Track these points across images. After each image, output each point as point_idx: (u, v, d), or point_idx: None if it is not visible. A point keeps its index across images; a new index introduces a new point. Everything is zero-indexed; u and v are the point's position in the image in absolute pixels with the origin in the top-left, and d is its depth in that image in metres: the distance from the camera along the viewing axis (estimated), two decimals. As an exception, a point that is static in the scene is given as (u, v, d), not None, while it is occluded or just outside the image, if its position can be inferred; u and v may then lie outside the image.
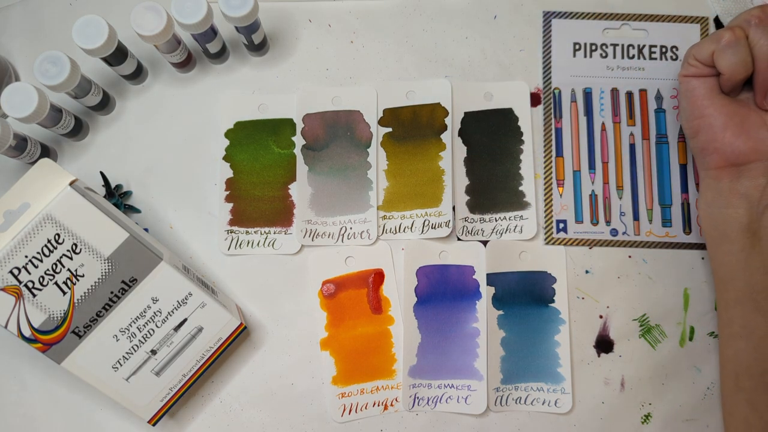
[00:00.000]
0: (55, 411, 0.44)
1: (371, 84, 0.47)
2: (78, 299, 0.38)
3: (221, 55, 0.47)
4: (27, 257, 0.36)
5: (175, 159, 0.46)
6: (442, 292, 0.45)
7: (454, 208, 0.45)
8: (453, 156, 0.46)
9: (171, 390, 0.41)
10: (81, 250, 0.37)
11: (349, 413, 0.44)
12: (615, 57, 0.47)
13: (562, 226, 0.45)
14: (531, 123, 0.46)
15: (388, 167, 0.46)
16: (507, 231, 0.45)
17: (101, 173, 0.45)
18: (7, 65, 0.46)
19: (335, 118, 0.46)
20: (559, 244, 0.45)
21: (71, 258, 0.37)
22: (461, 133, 0.46)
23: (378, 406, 0.44)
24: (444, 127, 0.46)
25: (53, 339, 0.38)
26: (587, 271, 0.45)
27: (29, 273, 0.37)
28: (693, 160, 0.46)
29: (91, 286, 0.38)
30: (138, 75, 0.46)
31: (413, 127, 0.46)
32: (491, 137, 0.46)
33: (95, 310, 0.38)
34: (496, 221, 0.45)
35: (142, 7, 0.40)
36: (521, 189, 0.46)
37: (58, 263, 0.37)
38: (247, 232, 0.45)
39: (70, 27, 0.40)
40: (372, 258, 0.45)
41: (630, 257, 0.45)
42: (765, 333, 0.38)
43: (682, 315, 0.45)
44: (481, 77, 0.47)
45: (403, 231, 0.45)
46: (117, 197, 0.45)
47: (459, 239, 0.45)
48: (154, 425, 0.41)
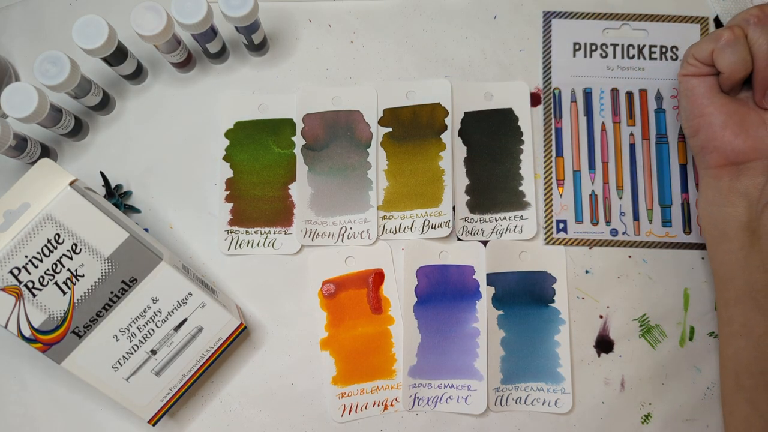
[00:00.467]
0: (55, 411, 0.44)
1: (371, 84, 0.47)
2: (78, 299, 0.38)
3: (221, 55, 0.47)
4: (27, 257, 0.36)
5: (175, 159, 0.46)
6: (442, 292, 0.45)
7: (454, 208, 0.45)
8: (453, 156, 0.46)
9: (171, 390, 0.41)
10: (81, 250, 0.37)
11: (349, 413, 0.44)
12: (615, 57, 0.47)
13: (562, 226, 0.45)
14: (531, 123, 0.46)
15: (388, 167, 0.46)
16: (507, 231, 0.45)
17: (101, 173, 0.45)
18: (7, 65, 0.46)
19: (335, 118, 0.46)
20: (559, 244, 0.45)
21: (71, 258, 0.37)
22: (461, 133, 0.46)
23: (378, 406, 0.44)
24: (444, 127, 0.46)
25: (53, 339, 0.38)
26: (587, 271, 0.45)
27: (29, 273, 0.37)
28: (693, 160, 0.46)
29: (91, 286, 0.38)
30: (138, 75, 0.46)
31: (413, 127, 0.46)
32: (491, 137, 0.46)
33: (95, 310, 0.38)
34: (496, 221, 0.45)
35: (142, 7, 0.40)
36: (521, 189, 0.46)
37: (58, 263, 0.37)
38: (247, 232, 0.45)
39: (70, 27, 0.40)
40: (372, 258, 0.45)
41: (630, 257, 0.45)
42: (765, 331, 0.38)
43: (682, 315, 0.45)
44: (481, 77, 0.47)
45: (403, 231, 0.45)
46: (117, 197, 0.45)
47: (459, 239, 0.45)
48: (154, 425, 0.41)
